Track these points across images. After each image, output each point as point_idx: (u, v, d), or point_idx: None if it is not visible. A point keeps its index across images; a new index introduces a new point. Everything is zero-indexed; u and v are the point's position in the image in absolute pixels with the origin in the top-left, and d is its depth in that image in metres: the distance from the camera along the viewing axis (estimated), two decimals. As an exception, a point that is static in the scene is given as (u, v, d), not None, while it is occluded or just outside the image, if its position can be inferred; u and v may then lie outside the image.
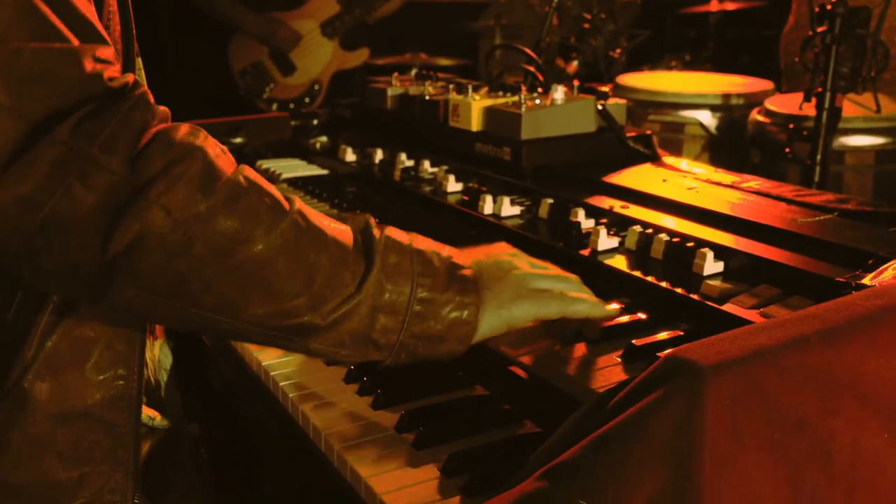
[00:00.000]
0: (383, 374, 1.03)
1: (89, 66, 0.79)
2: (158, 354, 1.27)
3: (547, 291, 1.00)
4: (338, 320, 0.88)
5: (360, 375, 1.09)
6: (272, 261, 0.84)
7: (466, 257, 0.99)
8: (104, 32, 0.85)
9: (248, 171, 0.86)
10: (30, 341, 0.92)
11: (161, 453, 1.15)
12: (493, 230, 1.44)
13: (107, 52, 0.82)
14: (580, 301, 1.01)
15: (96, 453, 0.96)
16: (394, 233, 0.95)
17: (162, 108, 0.85)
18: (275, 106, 3.68)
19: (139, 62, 1.07)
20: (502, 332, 0.97)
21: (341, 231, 0.92)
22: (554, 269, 1.05)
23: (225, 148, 0.87)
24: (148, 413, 1.14)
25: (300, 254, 0.86)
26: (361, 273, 0.89)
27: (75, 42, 0.79)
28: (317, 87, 3.76)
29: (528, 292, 0.99)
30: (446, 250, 0.97)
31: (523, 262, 1.03)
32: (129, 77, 0.83)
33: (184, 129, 0.84)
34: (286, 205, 0.87)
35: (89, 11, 0.84)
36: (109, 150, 0.77)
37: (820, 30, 2.20)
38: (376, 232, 0.93)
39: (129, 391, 0.98)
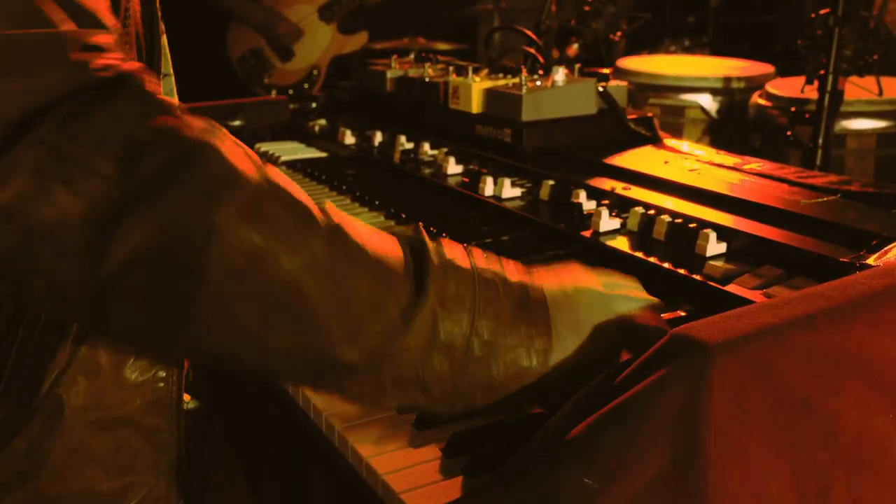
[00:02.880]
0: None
1: (75, 54, 0.67)
2: None
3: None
4: (379, 359, 0.72)
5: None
6: (299, 283, 0.69)
7: (544, 281, 0.82)
8: (107, 17, 0.73)
9: (274, 174, 0.72)
10: (63, 346, 0.84)
11: (197, 434, 1.12)
12: (493, 212, 1.44)
13: (102, 38, 0.70)
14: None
15: (138, 462, 0.90)
16: (453, 253, 0.78)
17: (171, 100, 0.72)
18: (274, 92, 3.66)
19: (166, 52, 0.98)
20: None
21: (388, 248, 0.75)
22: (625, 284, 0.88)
23: (248, 149, 0.73)
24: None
25: (334, 276, 0.70)
26: (410, 303, 0.73)
27: (68, 26, 0.68)
28: (315, 72, 3.75)
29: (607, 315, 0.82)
30: (517, 275, 0.80)
31: (595, 281, 0.86)
32: (131, 65, 0.70)
33: (197, 124, 0.70)
34: (319, 215, 0.72)
35: None
36: (98, 149, 0.65)
37: (823, 12, 2.18)
38: (433, 255, 0.76)
39: (169, 394, 0.92)
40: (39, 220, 0.64)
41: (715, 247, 1.14)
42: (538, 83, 1.64)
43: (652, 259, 1.15)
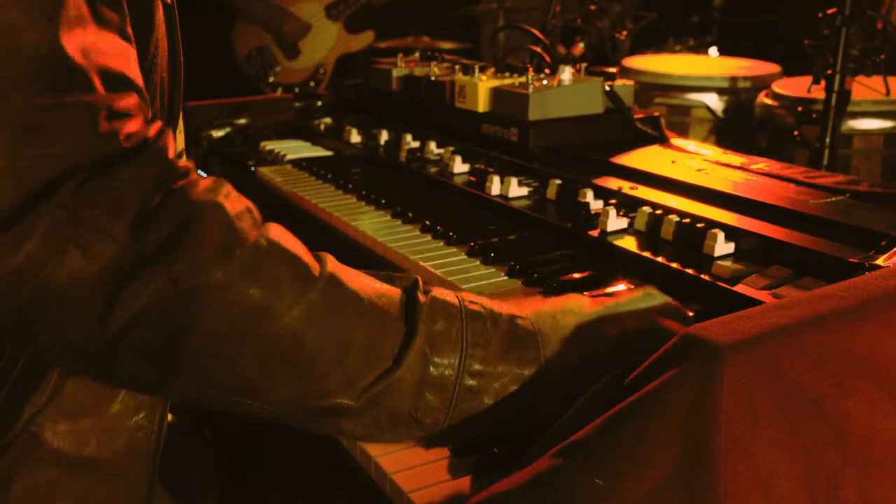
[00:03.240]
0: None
1: (104, 124, 0.69)
2: None
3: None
4: (374, 399, 0.76)
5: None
6: (299, 335, 0.72)
7: (536, 312, 0.84)
8: (134, 73, 0.75)
9: (274, 232, 0.75)
10: (44, 385, 0.84)
11: (177, 447, 1.12)
12: (500, 211, 1.43)
13: (129, 102, 0.72)
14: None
15: None
16: (442, 294, 0.81)
17: (184, 162, 0.75)
18: (280, 90, 3.67)
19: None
20: None
21: (382, 294, 0.79)
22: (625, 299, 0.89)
23: (251, 204, 0.77)
24: None
25: (332, 326, 0.74)
26: (401, 343, 0.76)
27: (99, 90, 0.69)
28: (322, 70, 3.75)
29: (597, 340, 0.84)
30: (506, 307, 0.83)
31: (586, 304, 0.87)
32: (152, 129, 0.73)
33: (203, 184, 0.73)
34: (316, 269, 0.75)
35: (121, 50, 0.74)
36: (114, 214, 0.68)
37: (830, 11, 2.17)
38: (421, 296, 0.80)
39: (149, 442, 0.91)
40: (50, 281, 0.67)
41: (723, 247, 1.14)
42: (545, 82, 1.64)
43: (660, 259, 1.15)
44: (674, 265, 1.12)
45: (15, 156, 0.66)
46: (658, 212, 1.25)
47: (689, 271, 1.10)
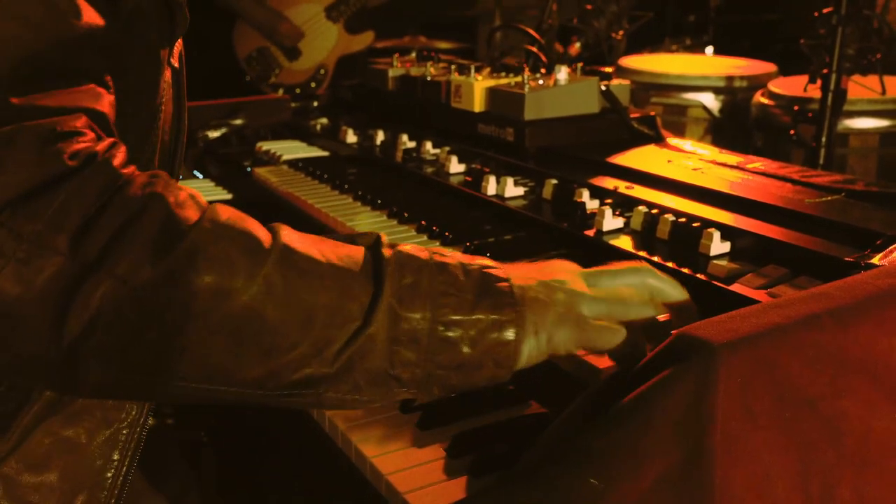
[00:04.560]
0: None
1: (47, 146, 0.69)
2: None
3: (597, 322, 0.83)
4: (348, 363, 0.74)
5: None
6: (260, 312, 0.71)
7: (510, 270, 0.83)
8: (87, 102, 0.75)
9: (220, 212, 0.74)
10: (8, 434, 0.84)
11: (152, 453, 1.12)
12: (496, 211, 1.43)
13: (75, 123, 0.72)
14: (634, 330, 0.84)
15: None
16: (409, 248, 0.80)
17: (129, 169, 0.74)
18: (281, 91, 3.66)
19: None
20: (541, 360, 0.82)
21: (343, 255, 0.78)
22: (621, 286, 0.87)
23: (193, 191, 0.76)
24: None
25: (292, 296, 0.73)
26: (369, 301, 0.75)
27: (42, 117, 0.70)
28: (322, 71, 3.74)
29: (576, 318, 0.82)
30: (478, 261, 0.82)
31: (579, 282, 0.86)
32: (101, 145, 0.73)
33: (139, 180, 0.73)
34: (267, 241, 0.74)
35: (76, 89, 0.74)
36: (57, 227, 0.68)
37: (826, 11, 2.18)
38: (386, 251, 0.79)
39: (109, 500, 0.90)
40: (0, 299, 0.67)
41: (719, 246, 1.14)
42: (541, 82, 1.64)
43: (655, 258, 1.15)
44: (669, 265, 1.12)
45: None
46: (654, 211, 1.25)
47: (685, 271, 1.10)
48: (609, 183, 1.38)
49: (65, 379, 0.72)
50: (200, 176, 1.94)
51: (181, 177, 1.08)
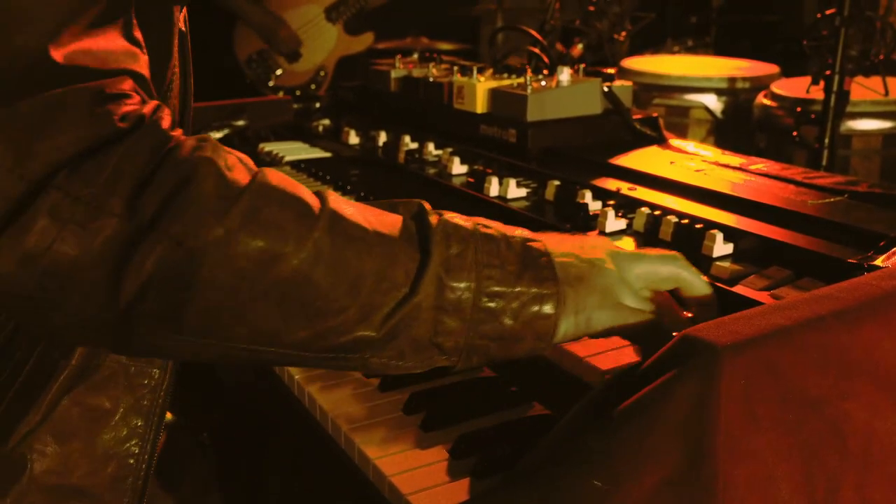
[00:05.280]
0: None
1: (97, 108, 0.70)
2: None
3: (634, 308, 0.85)
4: (395, 329, 0.76)
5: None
6: (309, 276, 0.72)
7: (549, 243, 0.84)
8: (130, 64, 0.76)
9: (270, 176, 0.76)
10: (38, 404, 0.84)
11: (172, 448, 1.11)
12: (498, 212, 1.43)
13: (123, 85, 0.73)
14: (666, 326, 0.87)
15: None
16: (454, 217, 0.81)
17: (177, 131, 0.76)
18: (281, 93, 3.67)
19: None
20: (577, 338, 0.85)
21: (387, 223, 0.79)
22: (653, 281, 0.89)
23: (242, 155, 0.78)
24: None
25: (340, 261, 0.74)
26: (416, 269, 0.76)
27: (90, 79, 0.71)
28: (322, 73, 3.75)
29: (615, 304, 0.84)
30: (518, 232, 0.83)
31: (619, 262, 0.87)
32: (147, 107, 0.74)
33: (188, 143, 0.74)
34: (317, 206, 0.76)
35: (115, 48, 0.75)
36: (111, 190, 0.69)
37: (829, 12, 2.17)
38: (433, 218, 0.80)
39: (137, 472, 0.91)
40: (57, 260, 0.68)
41: (722, 247, 1.14)
42: (543, 83, 1.64)
43: (658, 260, 1.14)
44: (672, 266, 1.12)
45: (18, 154, 0.68)
46: (657, 213, 1.24)
47: (688, 272, 1.10)
48: (612, 184, 1.38)
49: (119, 339, 0.74)
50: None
51: None
